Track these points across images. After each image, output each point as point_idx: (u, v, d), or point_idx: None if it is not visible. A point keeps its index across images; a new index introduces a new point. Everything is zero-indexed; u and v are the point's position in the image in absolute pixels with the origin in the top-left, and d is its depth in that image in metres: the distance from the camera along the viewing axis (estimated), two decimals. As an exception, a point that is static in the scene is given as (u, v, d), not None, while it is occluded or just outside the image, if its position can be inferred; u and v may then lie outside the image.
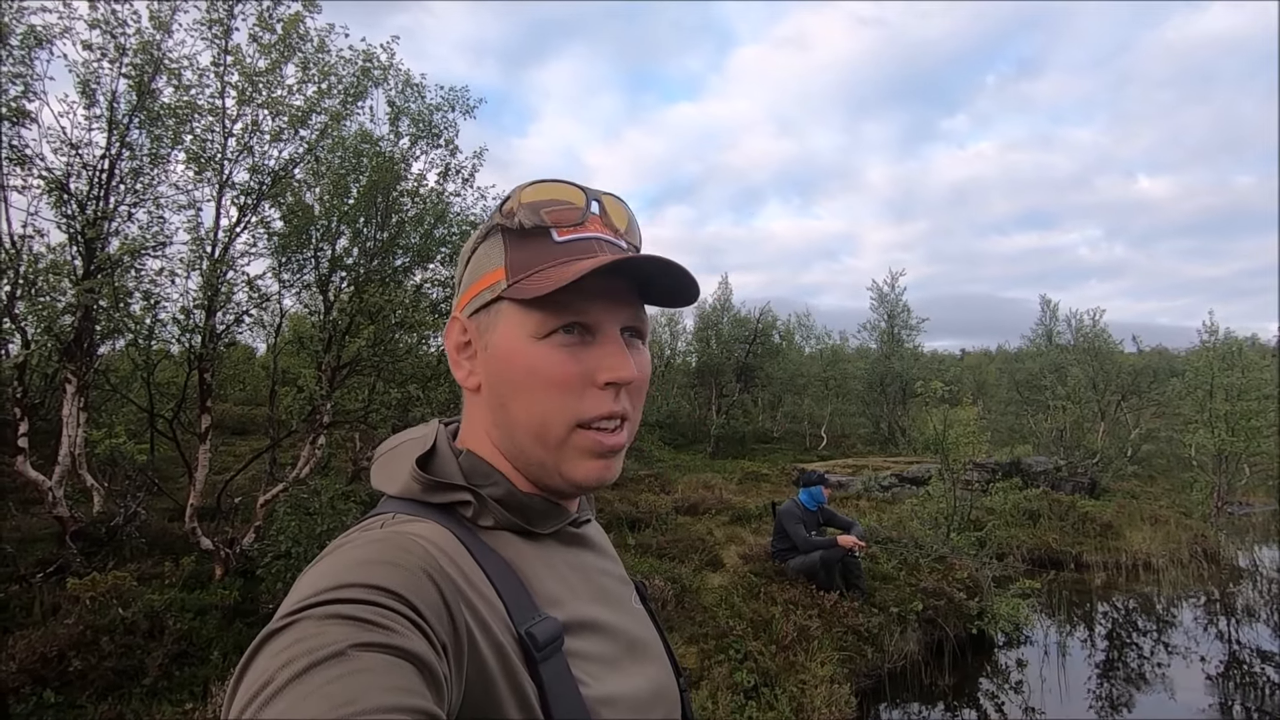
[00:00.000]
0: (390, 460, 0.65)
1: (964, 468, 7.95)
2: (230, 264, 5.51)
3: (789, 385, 21.29)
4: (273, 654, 0.42)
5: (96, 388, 6.72)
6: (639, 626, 0.70)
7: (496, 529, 0.62)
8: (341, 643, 0.41)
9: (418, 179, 6.53)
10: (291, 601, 0.46)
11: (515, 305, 0.61)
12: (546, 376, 0.60)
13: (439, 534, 0.57)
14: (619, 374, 0.60)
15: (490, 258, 0.64)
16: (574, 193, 0.63)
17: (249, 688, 0.40)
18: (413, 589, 0.48)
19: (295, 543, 4.60)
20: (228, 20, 5.41)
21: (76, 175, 5.39)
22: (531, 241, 0.61)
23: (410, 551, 0.52)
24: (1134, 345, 19.03)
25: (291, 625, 0.43)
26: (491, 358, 0.63)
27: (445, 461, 0.63)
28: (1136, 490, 13.40)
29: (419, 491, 0.61)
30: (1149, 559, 8.69)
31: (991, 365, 28.86)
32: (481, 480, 0.62)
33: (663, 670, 0.70)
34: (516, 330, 0.61)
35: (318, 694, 0.38)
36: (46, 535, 5.60)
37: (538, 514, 0.64)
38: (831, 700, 4.22)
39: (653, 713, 0.64)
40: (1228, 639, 6.52)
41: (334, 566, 0.49)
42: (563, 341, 0.60)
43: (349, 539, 0.55)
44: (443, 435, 0.66)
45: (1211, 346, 13.12)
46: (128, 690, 3.65)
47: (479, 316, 0.64)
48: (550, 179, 0.63)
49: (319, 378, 5.88)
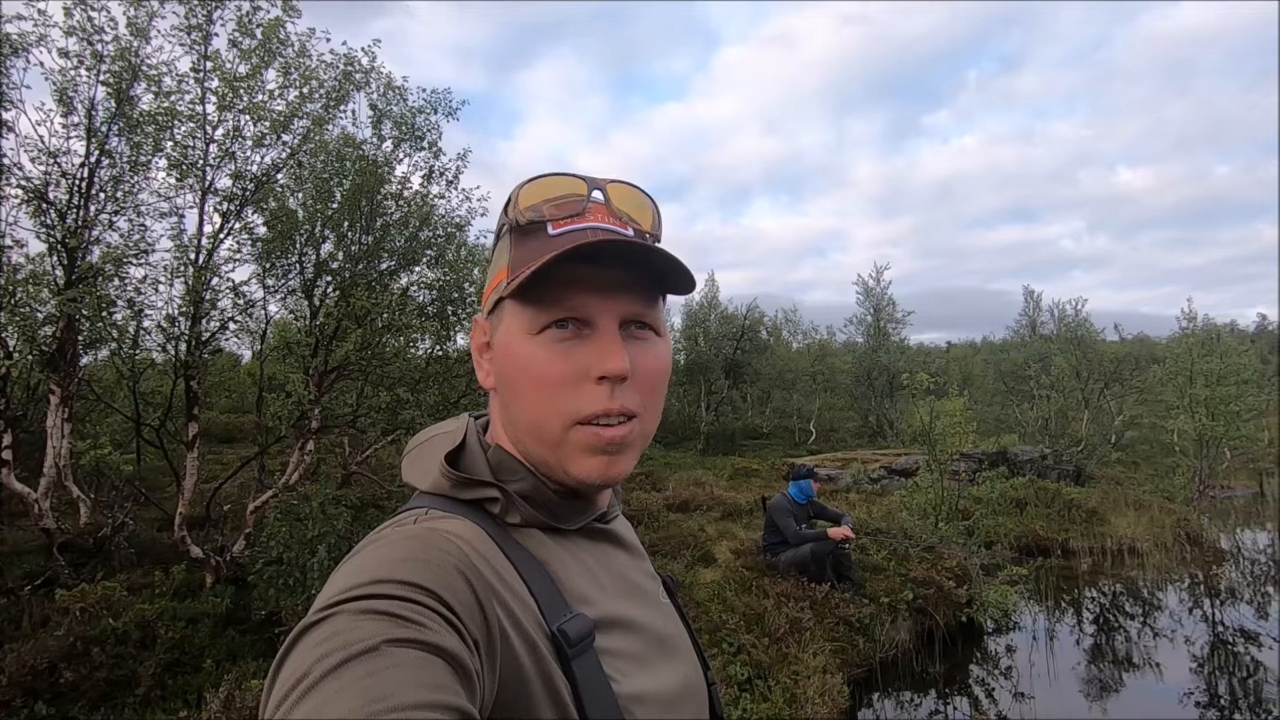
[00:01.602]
0: (421, 455, 0.65)
1: (951, 459, 8.03)
2: (214, 270, 5.48)
3: (777, 381, 21.41)
4: (309, 647, 0.42)
5: (81, 398, 6.65)
6: (667, 622, 0.71)
7: (525, 526, 0.62)
8: (376, 638, 0.42)
9: (401, 182, 6.51)
10: (327, 596, 0.47)
11: (514, 303, 0.61)
12: (535, 375, 0.59)
13: (471, 531, 0.57)
14: (606, 367, 0.57)
15: (500, 257, 0.64)
16: (575, 184, 0.62)
17: (286, 680, 0.41)
18: (445, 586, 0.49)
19: (286, 548, 4.58)
20: (207, 26, 5.37)
21: (55, 184, 5.34)
22: (531, 238, 0.61)
23: (443, 549, 0.52)
24: (1116, 334, 19.30)
25: (327, 619, 0.44)
26: (496, 356, 0.63)
27: (474, 457, 0.63)
28: (1121, 476, 13.59)
29: (448, 488, 0.61)
30: (1134, 544, 8.82)
31: (978, 357, 29.11)
32: (509, 476, 0.62)
33: (691, 666, 0.70)
34: (514, 328, 0.61)
35: (352, 689, 0.39)
36: (34, 548, 5.55)
37: (564, 510, 0.64)
38: (824, 690, 4.27)
39: (682, 709, 0.65)
40: (1212, 620, 6.63)
41: (368, 562, 0.50)
42: (556, 337, 0.59)
43: (382, 535, 0.55)
44: (473, 430, 0.66)
45: (1191, 333, 13.33)
46: (121, 700, 3.63)
47: (493, 316, 0.64)
48: (552, 172, 0.63)
49: (306, 382, 5.86)
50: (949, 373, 22.73)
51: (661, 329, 0.65)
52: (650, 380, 0.62)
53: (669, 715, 0.62)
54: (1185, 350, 12.45)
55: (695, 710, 0.68)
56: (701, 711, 0.69)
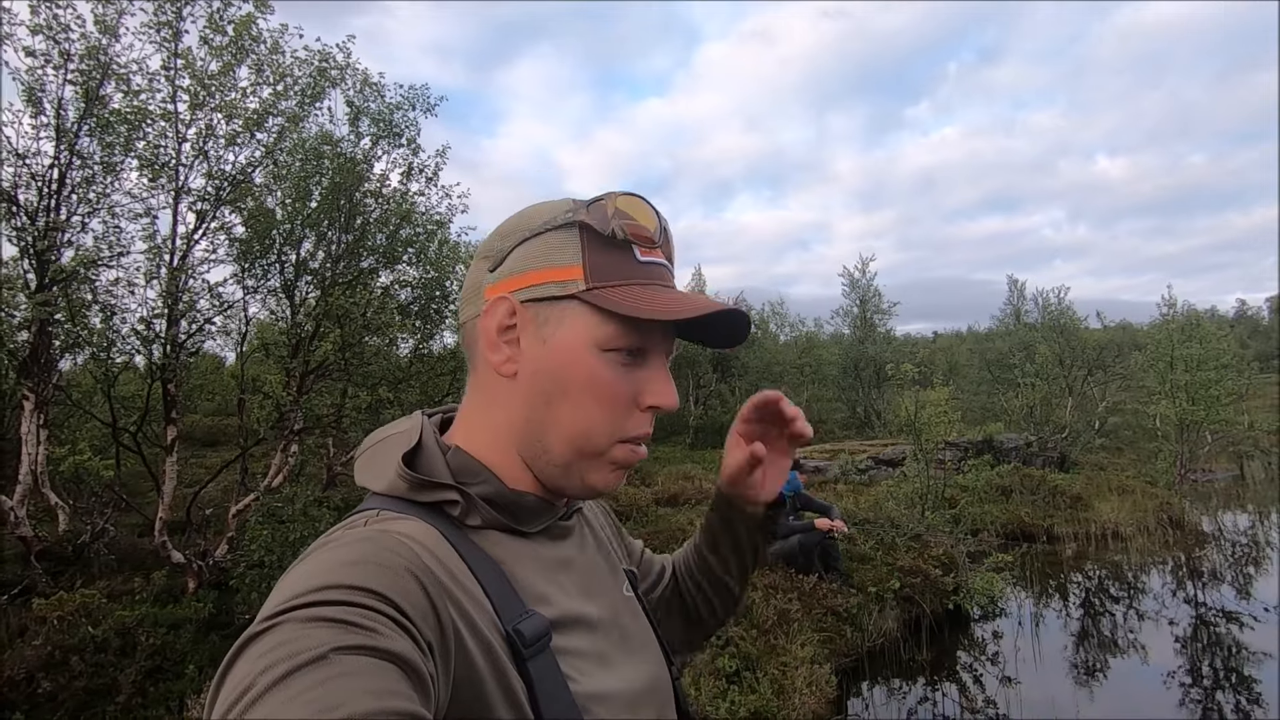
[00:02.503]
0: (375, 456, 0.63)
1: (937, 448, 8.08)
2: (190, 272, 5.40)
3: (765, 373, 21.46)
4: (253, 659, 0.41)
5: (57, 404, 6.55)
6: (630, 617, 0.70)
7: (484, 528, 0.61)
8: (323, 646, 0.40)
9: (380, 179, 6.46)
10: (273, 604, 0.45)
11: (590, 310, 0.59)
12: (604, 390, 0.60)
13: (424, 532, 0.56)
14: (664, 401, 0.62)
15: (563, 251, 0.61)
16: (652, 216, 0.63)
17: (229, 694, 0.39)
18: (397, 589, 0.47)
19: (269, 552, 4.54)
20: (176, 23, 5.28)
21: (25, 186, 5.23)
22: (615, 252, 0.61)
23: (394, 551, 0.51)
24: (1098, 321, 19.47)
25: (272, 629, 0.42)
26: (549, 353, 0.60)
27: (432, 459, 0.61)
28: (1104, 462, 13.73)
29: (405, 489, 0.59)
30: (1117, 528, 8.92)
31: (963, 346, 29.34)
32: (469, 479, 0.61)
33: (654, 661, 0.69)
34: (584, 335, 0.59)
35: (299, 699, 0.37)
36: (10, 556, 5.46)
37: (526, 512, 0.63)
38: (812, 681, 4.28)
39: (644, 707, 0.64)
40: (1195, 602, 6.72)
41: (316, 567, 0.48)
42: (621, 360, 0.60)
43: (332, 538, 0.54)
44: (428, 430, 0.64)
45: (1171, 320, 13.48)
46: (100, 709, 3.58)
47: (537, 306, 0.61)
48: (637, 194, 0.63)
49: (286, 383, 5.80)
50: (935, 363, 22.88)
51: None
52: None
53: (631, 714, 0.61)
54: (1166, 336, 12.60)
55: (658, 706, 0.67)
56: (666, 708, 0.68)
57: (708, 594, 0.88)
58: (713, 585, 0.88)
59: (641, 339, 0.61)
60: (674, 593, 0.90)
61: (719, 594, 0.88)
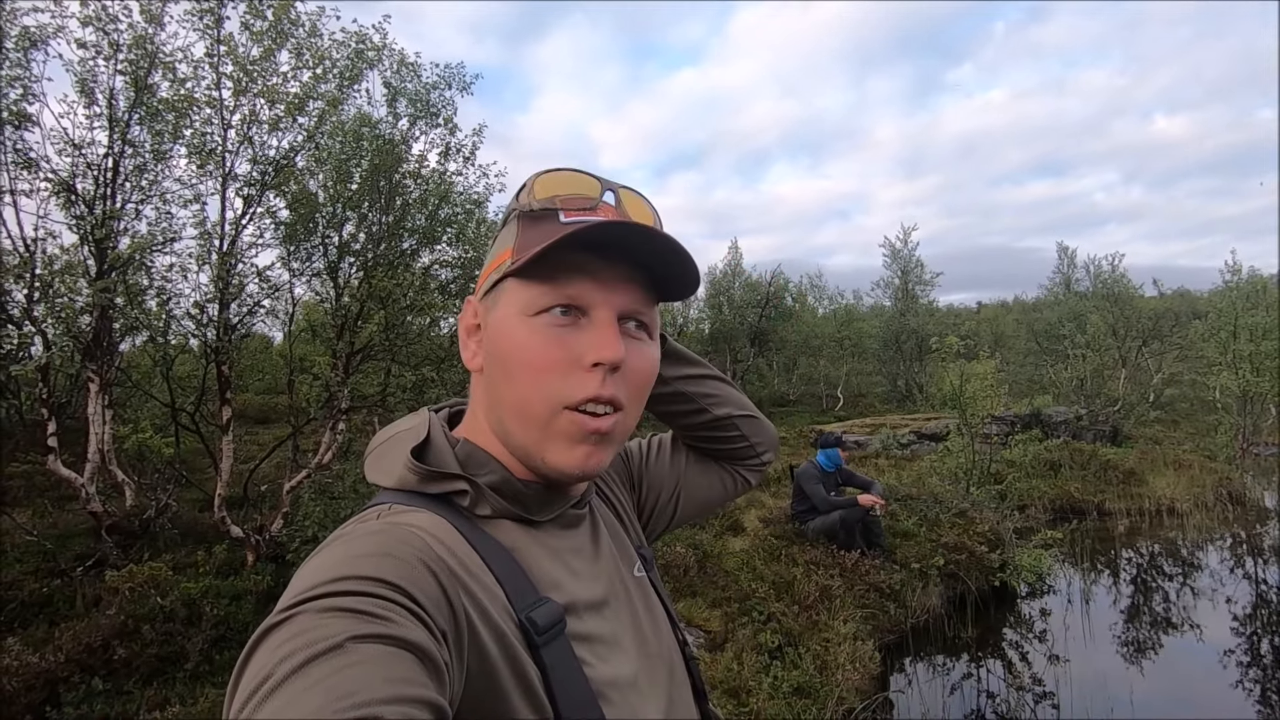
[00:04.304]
0: (384, 453, 0.65)
1: (983, 422, 7.91)
2: (239, 256, 5.54)
3: (803, 347, 21.21)
4: (271, 648, 0.42)
5: (119, 385, 6.83)
6: (643, 600, 0.71)
7: (495, 517, 0.62)
8: (340, 635, 0.41)
9: (419, 160, 6.49)
10: (289, 595, 0.46)
11: (515, 281, 0.60)
12: (529, 356, 0.59)
13: (436, 524, 0.57)
14: (603, 354, 0.57)
15: (504, 240, 0.64)
16: (588, 183, 0.63)
17: (249, 683, 0.40)
18: (410, 579, 0.48)
19: (321, 527, 4.70)
20: (218, 9, 5.35)
21: (82, 175, 5.41)
22: (541, 223, 0.61)
23: (407, 542, 0.52)
24: (1155, 289, 18.71)
25: (290, 619, 0.44)
26: (488, 336, 0.63)
27: (440, 451, 0.63)
28: (1159, 436, 13.29)
29: (415, 483, 0.61)
30: (1173, 504, 8.65)
31: (1009, 316, 28.52)
32: (478, 469, 0.62)
33: (667, 644, 0.70)
34: (512, 308, 0.60)
35: (317, 687, 0.38)
36: (83, 530, 5.76)
37: (535, 501, 0.64)
38: (855, 657, 4.28)
39: (659, 691, 0.65)
40: (1255, 579, 6.50)
41: (331, 559, 0.49)
42: (553, 322, 0.59)
43: (345, 531, 0.55)
44: (435, 424, 0.65)
45: (1234, 286, 12.85)
46: (171, 675, 3.77)
47: (488, 297, 0.64)
48: (568, 167, 0.64)
49: (334, 364, 5.94)
50: (980, 334, 22.32)
51: (655, 334, 0.66)
52: (639, 379, 0.62)
53: (647, 698, 0.62)
54: (1229, 304, 12.02)
55: (673, 687, 0.68)
56: (682, 690, 0.69)
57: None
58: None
59: (571, 294, 0.58)
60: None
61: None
